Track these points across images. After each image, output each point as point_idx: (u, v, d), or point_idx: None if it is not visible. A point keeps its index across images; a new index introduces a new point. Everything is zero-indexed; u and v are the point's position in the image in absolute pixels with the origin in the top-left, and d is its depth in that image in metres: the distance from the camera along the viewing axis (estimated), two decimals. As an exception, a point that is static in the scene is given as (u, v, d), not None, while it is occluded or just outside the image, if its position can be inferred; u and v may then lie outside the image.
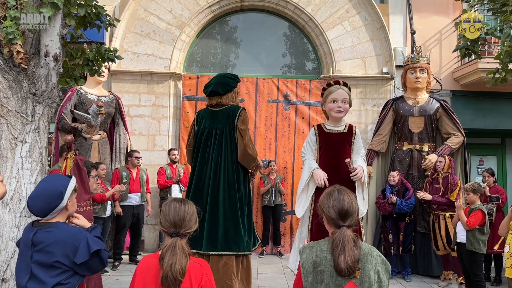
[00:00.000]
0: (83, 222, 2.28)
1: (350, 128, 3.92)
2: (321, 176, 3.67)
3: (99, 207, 5.60)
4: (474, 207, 4.69)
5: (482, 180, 6.27)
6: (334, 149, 3.83)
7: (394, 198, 5.82)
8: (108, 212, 5.82)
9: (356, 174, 3.66)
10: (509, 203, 6.44)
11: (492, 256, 5.91)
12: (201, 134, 3.87)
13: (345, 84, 3.93)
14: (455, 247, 4.96)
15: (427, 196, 5.70)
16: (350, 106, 3.91)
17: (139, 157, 6.40)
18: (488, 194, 5.80)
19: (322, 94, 4.00)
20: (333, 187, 2.10)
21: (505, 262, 3.95)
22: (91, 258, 2.07)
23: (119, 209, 6.07)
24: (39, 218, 2.18)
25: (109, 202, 5.82)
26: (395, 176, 6.01)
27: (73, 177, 2.32)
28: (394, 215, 5.91)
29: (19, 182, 3.32)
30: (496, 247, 4.79)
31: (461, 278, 5.37)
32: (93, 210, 4.44)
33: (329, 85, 3.94)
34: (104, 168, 5.81)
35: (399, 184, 5.98)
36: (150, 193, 6.65)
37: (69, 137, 3.18)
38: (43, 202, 2.12)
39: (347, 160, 3.71)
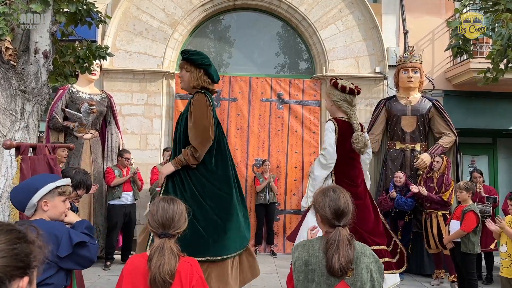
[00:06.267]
0: (71, 218, 2.28)
1: None
2: None
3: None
4: (466, 208, 4.67)
5: (472, 180, 6.27)
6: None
7: (394, 194, 5.85)
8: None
9: None
10: (501, 202, 6.46)
11: (482, 255, 5.93)
12: (216, 125, 3.41)
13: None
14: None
15: (424, 191, 5.67)
16: None
17: (129, 158, 6.32)
18: (485, 195, 5.81)
19: (334, 86, 3.93)
20: (328, 186, 2.08)
21: (502, 262, 3.96)
22: (76, 251, 2.04)
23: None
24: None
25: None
26: (401, 177, 6.00)
27: (64, 180, 2.26)
28: (393, 214, 5.92)
29: (8, 180, 3.28)
30: (492, 246, 4.81)
31: (452, 276, 5.40)
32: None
33: (335, 84, 3.92)
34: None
35: (403, 185, 6.00)
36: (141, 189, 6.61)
37: (8, 142, 2.92)
38: (20, 194, 2.13)
39: None
